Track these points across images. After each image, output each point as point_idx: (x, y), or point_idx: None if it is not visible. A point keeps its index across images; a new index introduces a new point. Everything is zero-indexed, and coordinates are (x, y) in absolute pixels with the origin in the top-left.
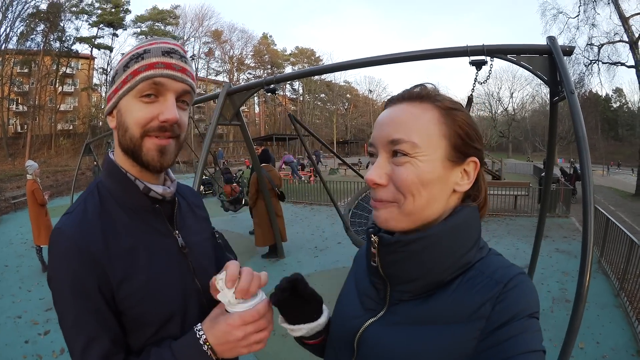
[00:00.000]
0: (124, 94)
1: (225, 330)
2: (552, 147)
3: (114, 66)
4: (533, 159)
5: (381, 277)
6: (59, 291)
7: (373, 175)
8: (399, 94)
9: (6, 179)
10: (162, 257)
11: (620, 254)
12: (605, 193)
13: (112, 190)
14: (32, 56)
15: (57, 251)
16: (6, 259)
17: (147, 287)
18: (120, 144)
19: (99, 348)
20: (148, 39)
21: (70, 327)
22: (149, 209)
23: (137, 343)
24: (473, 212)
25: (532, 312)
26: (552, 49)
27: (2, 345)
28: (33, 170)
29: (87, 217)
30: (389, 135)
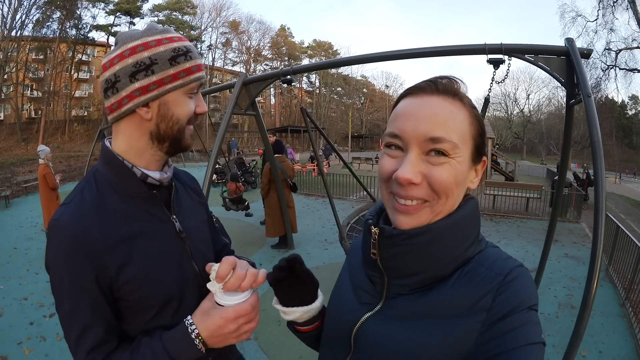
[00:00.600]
0: (174, 89)
1: (219, 324)
2: (566, 150)
3: (140, 54)
4: (547, 162)
5: (379, 270)
6: (57, 280)
7: (409, 173)
8: (427, 83)
9: (19, 163)
10: (161, 242)
11: (629, 263)
12: (617, 201)
13: (110, 178)
14: (48, 43)
15: (56, 242)
16: (15, 241)
17: (146, 272)
18: (159, 136)
19: (92, 336)
20: (157, 27)
21: (66, 315)
22: (146, 196)
23: (135, 327)
24: (474, 205)
25: (531, 304)
26: (569, 51)
27: (7, 326)
28: (45, 155)
29: (85, 208)
30: (428, 131)
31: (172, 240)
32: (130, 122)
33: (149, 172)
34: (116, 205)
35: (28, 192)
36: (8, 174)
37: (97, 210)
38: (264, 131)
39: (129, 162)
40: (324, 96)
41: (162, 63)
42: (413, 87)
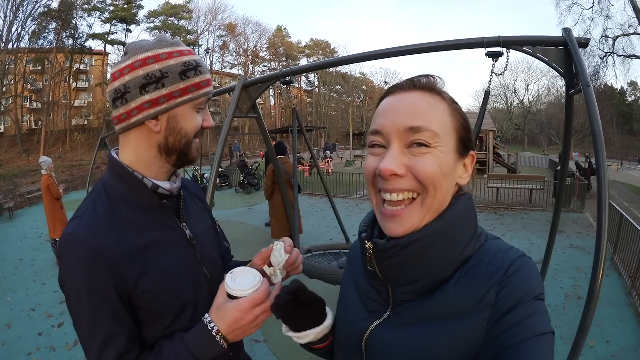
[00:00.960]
0: (184, 103)
1: (236, 317)
2: (567, 140)
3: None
4: (549, 152)
5: (381, 280)
6: (74, 295)
7: (391, 164)
8: (406, 82)
9: (21, 174)
10: (174, 250)
11: (634, 252)
12: (620, 189)
13: (120, 190)
14: (45, 54)
15: (71, 256)
16: (21, 252)
17: (162, 281)
18: (167, 148)
19: (115, 347)
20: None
21: (87, 328)
22: (157, 205)
23: (152, 335)
24: (468, 201)
25: (536, 294)
26: (567, 41)
27: (15, 338)
28: (47, 166)
29: (98, 219)
30: (406, 122)
31: (183, 247)
32: (138, 133)
33: (159, 183)
34: (129, 216)
35: (31, 203)
36: (11, 185)
37: (110, 221)
38: (265, 133)
39: (139, 174)
40: (323, 95)
41: (172, 77)
42: (392, 86)
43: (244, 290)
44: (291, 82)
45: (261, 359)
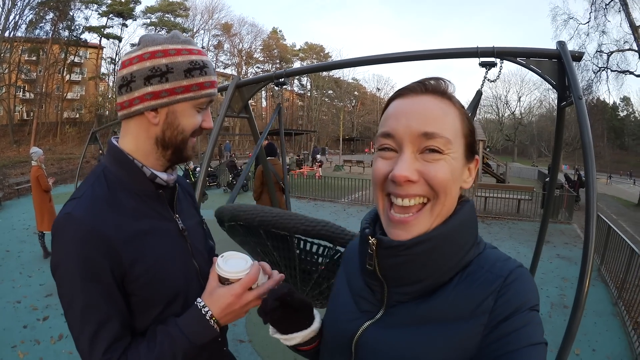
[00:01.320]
0: (184, 100)
1: (229, 302)
2: (557, 152)
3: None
4: (538, 164)
5: (378, 279)
6: (68, 277)
7: (405, 170)
8: (417, 84)
9: (10, 165)
10: (167, 240)
11: (621, 263)
12: (608, 202)
13: (120, 176)
14: (41, 44)
15: (68, 236)
16: (8, 244)
17: (156, 268)
18: (164, 142)
19: (109, 332)
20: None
21: (80, 312)
22: (153, 195)
23: (142, 324)
24: (471, 208)
25: (533, 304)
26: (561, 54)
27: (1, 330)
28: (38, 157)
29: (97, 202)
30: (420, 127)
31: (176, 238)
32: (139, 123)
33: (158, 173)
34: (127, 201)
35: (20, 195)
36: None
37: (109, 204)
38: (257, 134)
39: (139, 162)
40: (315, 99)
41: (177, 73)
42: (403, 88)
43: (236, 273)
44: (285, 84)
45: (245, 359)
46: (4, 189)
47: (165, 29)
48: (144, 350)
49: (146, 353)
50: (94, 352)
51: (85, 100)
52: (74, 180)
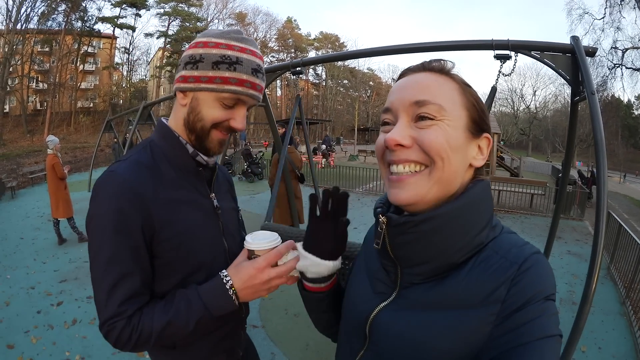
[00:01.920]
0: (207, 90)
1: (251, 274)
2: (570, 147)
3: (198, 48)
4: (552, 159)
5: (391, 259)
6: (100, 228)
7: (396, 135)
8: (417, 64)
9: (24, 154)
10: (200, 213)
11: (630, 263)
12: (621, 200)
13: (165, 149)
14: (53, 35)
15: (108, 189)
16: (22, 231)
17: (184, 235)
18: (188, 124)
19: (129, 286)
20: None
21: (104, 263)
22: (193, 171)
23: (163, 289)
24: (486, 187)
25: (548, 294)
26: (575, 49)
27: (14, 315)
28: (54, 145)
29: (140, 166)
30: (412, 96)
31: (209, 214)
32: (177, 101)
33: (199, 152)
34: (167, 172)
35: (34, 183)
36: (14, 165)
37: (150, 170)
38: (273, 122)
39: (183, 139)
40: (330, 88)
41: (206, 63)
42: (405, 69)
43: (262, 244)
44: (301, 73)
45: (258, 344)
46: (18, 177)
47: (179, 18)
48: (159, 309)
49: (160, 312)
50: (110, 302)
51: (99, 90)
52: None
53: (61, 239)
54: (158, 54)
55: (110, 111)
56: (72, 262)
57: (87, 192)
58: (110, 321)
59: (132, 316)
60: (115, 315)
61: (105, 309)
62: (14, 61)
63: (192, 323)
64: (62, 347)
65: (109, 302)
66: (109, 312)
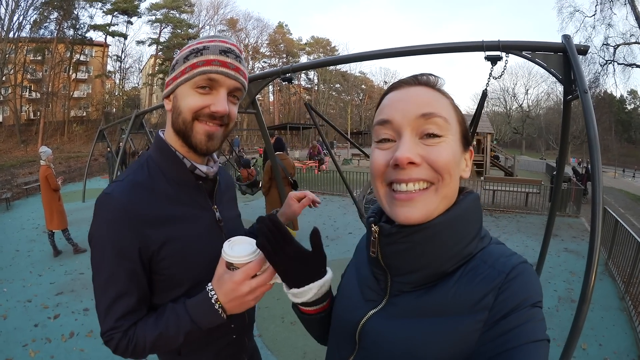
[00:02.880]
0: (182, 83)
1: (231, 288)
2: (564, 145)
3: (175, 56)
4: (546, 157)
5: (381, 267)
6: (99, 249)
7: (407, 152)
8: (410, 78)
9: (19, 165)
10: (201, 228)
11: (628, 257)
12: (616, 195)
13: (162, 165)
14: (46, 44)
15: (106, 213)
16: (17, 243)
17: (184, 251)
18: (173, 125)
19: (125, 304)
20: (208, 36)
21: (103, 282)
22: (193, 185)
23: (163, 302)
24: (475, 199)
25: (535, 301)
26: (566, 48)
27: (12, 329)
28: (47, 157)
29: (136, 186)
30: (417, 110)
31: (211, 227)
32: (166, 109)
33: (198, 165)
34: (165, 189)
35: (29, 194)
36: (8, 176)
37: (147, 190)
38: (264, 129)
39: (180, 154)
40: (322, 93)
41: (179, 62)
42: (396, 82)
43: (239, 257)
44: (291, 80)
45: None
46: (13, 188)
47: (171, 25)
48: (151, 322)
49: (152, 325)
50: (108, 318)
51: (92, 99)
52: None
53: (56, 251)
54: (150, 61)
55: (103, 120)
56: (68, 274)
57: (81, 203)
58: (109, 333)
59: (128, 329)
60: (113, 329)
61: (104, 322)
62: (6, 70)
63: (182, 336)
64: None
65: (107, 317)
66: (107, 325)
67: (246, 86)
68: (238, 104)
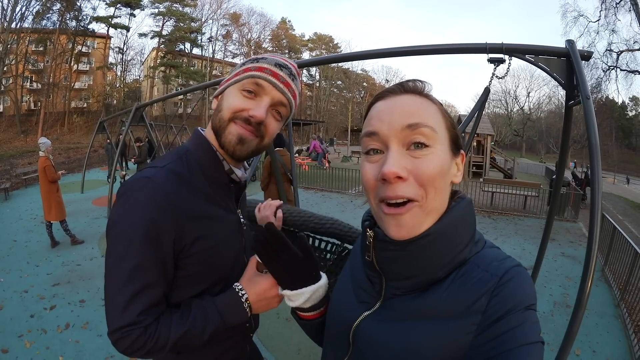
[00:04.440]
0: (232, 84)
1: (266, 288)
2: (564, 150)
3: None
4: (546, 160)
5: (376, 271)
6: (127, 235)
7: (394, 167)
8: (395, 86)
9: (18, 155)
10: (229, 229)
11: (624, 264)
12: (615, 201)
13: (201, 161)
14: (48, 35)
15: (143, 196)
16: (15, 234)
17: (213, 250)
18: (212, 122)
19: (150, 296)
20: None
21: (128, 271)
22: (226, 187)
23: (179, 298)
24: (468, 205)
25: (528, 304)
26: (570, 52)
27: (7, 320)
28: (45, 148)
29: (177, 176)
30: (403, 121)
31: (236, 230)
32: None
33: (234, 169)
34: (202, 185)
35: (27, 184)
36: (7, 166)
37: (186, 183)
38: None
39: (220, 155)
40: (324, 89)
41: (237, 67)
42: (382, 91)
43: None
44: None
45: None
46: (11, 179)
47: (174, 18)
48: (176, 319)
49: (178, 322)
50: (129, 311)
51: (92, 90)
52: (82, 170)
53: (54, 242)
54: (152, 54)
55: (103, 111)
56: (65, 266)
57: (79, 194)
58: (127, 328)
59: (149, 325)
60: (133, 324)
61: (122, 316)
62: (8, 60)
63: (208, 333)
64: (55, 351)
65: (127, 310)
66: (126, 320)
67: (293, 106)
68: (280, 122)
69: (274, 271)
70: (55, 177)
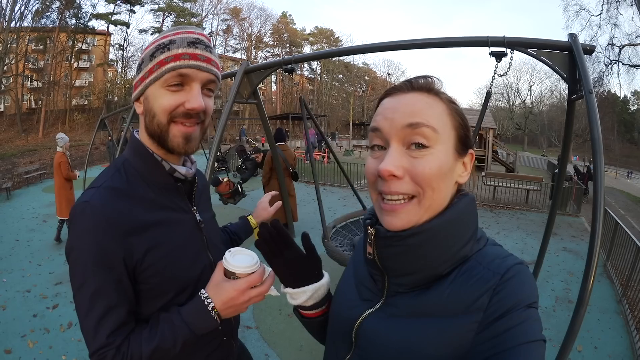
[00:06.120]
0: (151, 83)
1: (232, 296)
2: (567, 144)
3: (141, 54)
4: (548, 153)
5: (378, 268)
6: (81, 262)
7: (389, 165)
8: (404, 83)
9: (19, 154)
10: (183, 231)
11: (626, 260)
12: (617, 196)
13: (140, 168)
14: (47, 33)
15: (84, 223)
16: (17, 233)
17: (169, 258)
18: (147, 129)
19: (115, 317)
20: (173, 28)
21: (89, 297)
22: (172, 188)
23: (149, 311)
24: (470, 202)
25: (530, 302)
26: (572, 46)
27: (10, 320)
28: (64, 143)
29: (115, 193)
30: (404, 120)
31: (193, 230)
32: (138, 112)
33: (176, 167)
34: (145, 193)
35: (29, 183)
36: (9, 165)
37: (126, 196)
38: (265, 119)
39: (158, 156)
40: (325, 83)
41: (145, 61)
42: (391, 88)
43: (244, 268)
44: (293, 70)
45: (252, 345)
46: (13, 178)
47: (174, 14)
48: (146, 335)
49: (148, 338)
50: (99, 335)
51: (93, 87)
52: (83, 167)
53: (59, 238)
54: None
55: (104, 108)
56: (67, 264)
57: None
58: (100, 351)
59: (121, 345)
60: (104, 346)
61: (94, 340)
62: (8, 60)
63: (179, 345)
64: (58, 351)
65: (97, 334)
66: (98, 344)
67: (220, 77)
68: (213, 97)
69: (277, 268)
70: (70, 175)
